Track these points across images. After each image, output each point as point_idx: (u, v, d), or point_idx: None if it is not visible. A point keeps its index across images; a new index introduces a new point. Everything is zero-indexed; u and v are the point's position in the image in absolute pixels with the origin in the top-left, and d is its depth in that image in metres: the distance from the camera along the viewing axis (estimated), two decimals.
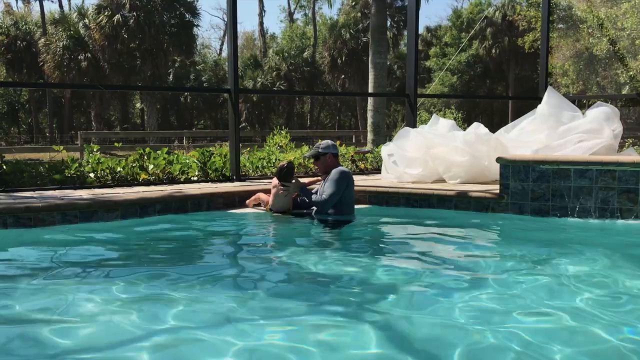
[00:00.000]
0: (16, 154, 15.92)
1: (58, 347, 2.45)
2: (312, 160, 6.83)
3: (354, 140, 23.27)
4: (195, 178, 6.94)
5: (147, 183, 6.57)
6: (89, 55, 28.26)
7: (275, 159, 7.91)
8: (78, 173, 6.38)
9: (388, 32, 28.24)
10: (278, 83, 34.30)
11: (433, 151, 6.65)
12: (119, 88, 34.74)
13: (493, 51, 31.47)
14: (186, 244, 4.50)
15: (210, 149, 7.42)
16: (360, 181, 6.37)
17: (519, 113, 9.19)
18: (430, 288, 3.30)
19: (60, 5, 38.23)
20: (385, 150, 7.12)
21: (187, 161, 7.11)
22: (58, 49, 27.84)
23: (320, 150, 5.19)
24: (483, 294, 3.14)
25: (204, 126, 39.07)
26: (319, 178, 5.54)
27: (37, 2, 34.93)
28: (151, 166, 6.76)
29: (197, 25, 29.88)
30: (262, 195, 5.64)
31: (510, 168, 5.43)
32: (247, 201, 5.74)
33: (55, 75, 27.89)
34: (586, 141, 6.20)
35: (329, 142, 5.29)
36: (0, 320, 2.76)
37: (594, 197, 5.11)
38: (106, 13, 26.91)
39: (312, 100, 38.67)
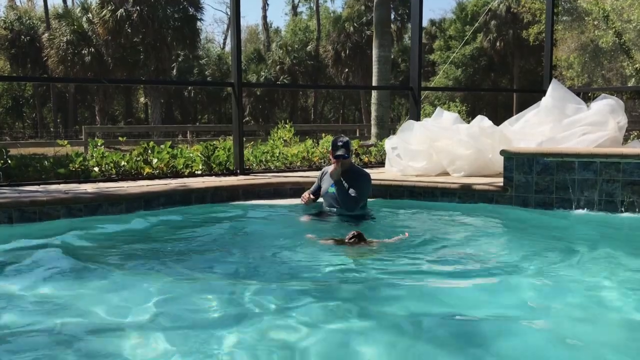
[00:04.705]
0: (21, 149, 15.95)
1: (66, 338, 2.47)
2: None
3: (357, 134, 23.21)
4: (199, 172, 6.95)
5: (151, 177, 6.59)
6: (93, 49, 28.23)
7: (279, 153, 7.91)
8: (82, 167, 6.41)
9: (392, 26, 28.20)
10: (282, 77, 34.23)
11: (437, 144, 6.63)
12: (123, 82, 34.73)
13: (497, 44, 31.29)
14: (194, 237, 4.51)
15: (214, 143, 7.42)
16: None
17: (523, 106, 9.15)
18: (441, 279, 3.31)
19: (64, 0, 38.25)
20: (389, 143, 7.11)
21: (191, 155, 7.12)
22: (62, 44, 27.82)
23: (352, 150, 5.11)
24: (497, 288, 3.17)
25: (208, 120, 39.08)
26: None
27: None
28: (155, 160, 6.77)
29: (201, 19, 30.03)
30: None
31: (514, 160, 5.42)
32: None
33: (59, 70, 27.90)
34: (590, 133, 6.18)
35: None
36: (8, 314, 2.78)
37: (598, 189, 5.09)
38: (109, 7, 26.86)
39: (315, 94, 38.57)
